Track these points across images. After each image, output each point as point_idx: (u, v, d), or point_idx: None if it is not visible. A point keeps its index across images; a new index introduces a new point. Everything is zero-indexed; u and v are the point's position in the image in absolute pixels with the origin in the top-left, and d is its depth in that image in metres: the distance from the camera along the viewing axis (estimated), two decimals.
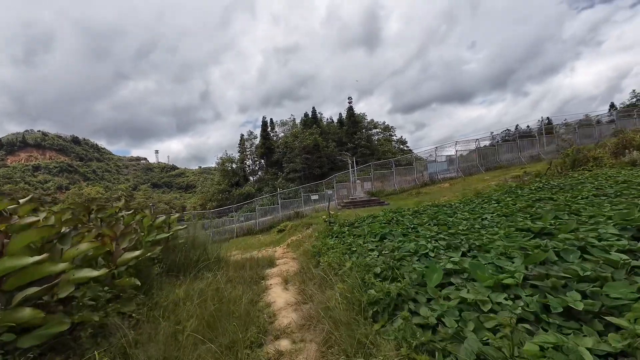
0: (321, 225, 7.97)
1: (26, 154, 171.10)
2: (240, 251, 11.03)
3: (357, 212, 16.29)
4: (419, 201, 15.49)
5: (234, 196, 49.49)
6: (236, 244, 15.74)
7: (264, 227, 27.93)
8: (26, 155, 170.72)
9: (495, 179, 18.22)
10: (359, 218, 6.84)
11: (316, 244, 5.47)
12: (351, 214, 10.42)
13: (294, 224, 12.97)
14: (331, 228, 6.35)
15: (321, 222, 9.20)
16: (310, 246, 5.93)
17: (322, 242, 5.30)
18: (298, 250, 6.51)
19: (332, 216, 7.04)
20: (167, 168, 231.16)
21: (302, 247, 6.74)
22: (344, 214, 12.26)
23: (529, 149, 29.17)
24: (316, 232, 7.58)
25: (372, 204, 21.10)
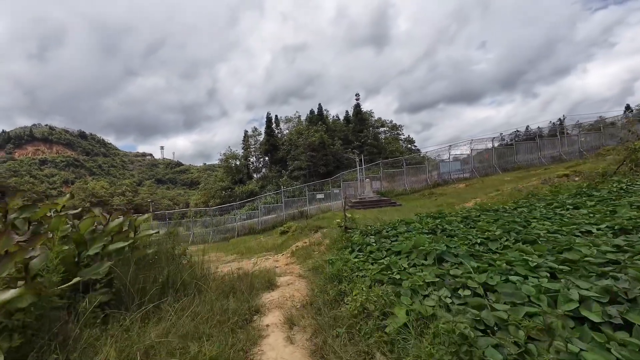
0: (334, 229, 6.52)
1: (34, 148, 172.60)
2: (237, 256, 9.66)
3: (367, 214, 14.83)
4: (438, 203, 13.99)
5: (236, 193, 48.25)
6: (235, 245, 14.38)
7: (267, 227, 26.65)
8: (34, 149, 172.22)
9: (521, 180, 16.58)
10: (384, 223, 5.37)
11: (332, 258, 4.02)
12: (365, 215, 8.99)
13: (299, 225, 11.58)
14: (349, 236, 4.90)
15: (332, 224, 7.74)
16: (321, 259, 4.48)
17: (341, 258, 3.86)
18: (306, 263, 5.09)
19: (349, 219, 5.59)
20: (172, 164, 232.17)
21: (310, 258, 5.31)
22: (355, 216, 10.84)
23: (550, 149, 27.38)
24: (327, 239, 6.15)
25: (383, 204, 19.62)
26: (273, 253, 8.30)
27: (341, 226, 5.57)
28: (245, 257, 8.95)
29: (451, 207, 8.31)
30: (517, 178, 19.40)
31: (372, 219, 6.82)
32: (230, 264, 7.65)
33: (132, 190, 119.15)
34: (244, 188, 49.77)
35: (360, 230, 4.93)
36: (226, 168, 58.30)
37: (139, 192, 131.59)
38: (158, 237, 4.53)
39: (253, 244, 11.86)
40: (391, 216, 8.97)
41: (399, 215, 9.30)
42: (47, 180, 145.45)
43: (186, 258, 4.60)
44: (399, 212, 10.97)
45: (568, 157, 26.54)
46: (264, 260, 6.70)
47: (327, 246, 5.63)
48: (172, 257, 4.09)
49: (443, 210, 6.59)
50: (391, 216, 8.97)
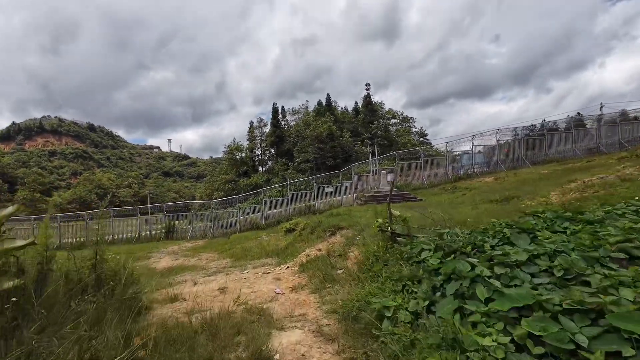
0: (363, 231, 4.34)
1: (43, 140, 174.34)
2: (230, 261, 7.58)
3: (384, 207, 12.57)
4: (470, 199, 11.67)
5: (240, 186, 46.38)
6: (233, 243, 12.35)
7: (271, 222, 24.66)
8: (43, 140, 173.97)
9: (567, 174, 14.05)
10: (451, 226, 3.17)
11: (386, 302, 1.82)
12: None
13: (308, 223, 9.47)
14: (403, 251, 2.70)
15: (356, 223, 5.58)
16: (357, 293, 2.31)
17: (405, 302, 1.66)
18: (326, 294, 2.91)
19: (397, 219, 3.41)
20: (179, 157, 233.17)
21: (333, 281, 3.15)
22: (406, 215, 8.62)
23: (586, 141, 24.58)
24: (354, 247, 4.00)
25: (401, 198, 17.34)
26: (275, 261, 6.20)
27: (385, 230, 3.38)
28: (240, 263, 6.85)
29: (513, 205, 6.03)
30: (559, 172, 16.84)
31: (416, 218, 4.62)
32: (215, 277, 5.60)
33: (139, 183, 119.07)
34: (249, 181, 47.89)
35: (432, 243, 2.71)
36: (230, 160, 56.47)
37: (146, 184, 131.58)
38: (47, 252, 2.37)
39: (253, 244, 9.81)
40: (425, 214, 6.77)
41: (436, 212, 7.10)
42: (56, 171, 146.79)
43: None
44: (432, 208, 8.70)
45: (607, 150, 23.76)
46: (260, 276, 4.57)
47: (358, 262, 3.49)
48: None
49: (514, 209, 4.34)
50: (425, 214, 6.77)
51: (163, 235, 23.65)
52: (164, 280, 5.69)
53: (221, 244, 13.75)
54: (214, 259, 8.54)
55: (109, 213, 24.79)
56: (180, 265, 7.84)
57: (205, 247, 13.40)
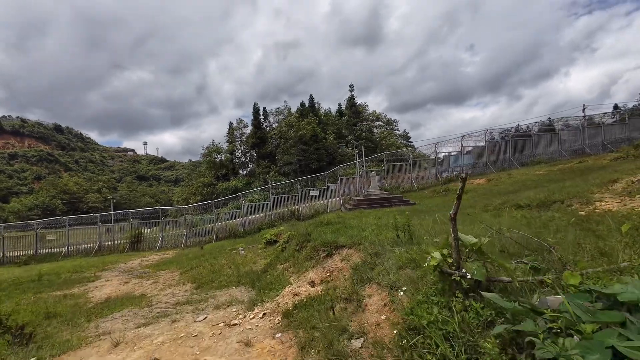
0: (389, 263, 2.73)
1: (2, 141, 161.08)
2: (190, 288, 5.75)
3: (379, 214, 11.17)
4: (473, 203, 10.46)
5: (219, 190, 43.72)
6: (203, 259, 10.36)
7: (251, 229, 22.67)
8: (2, 142, 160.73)
9: (570, 174, 13.25)
10: None
11: None
12: (377, 218, 5.25)
13: (292, 234, 7.77)
14: (488, 317, 1.06)
15: (359, 239, 3.97)
16: None
17: None
18: None
19: (472, 247, 1.80)
20: (156, 160, 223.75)
21: None
22: (362, 217, 7.09)
23: (572, 143, 24.54)
24: (376, 285, 2.41)
25: (393, 202, 16.03)
26: (247, 295, 4.48)
27: (449, 273, 1.75)
28: (201, 295, 5.03)
29: (562, 211, 4.67)
30: (556, 172, 16.15)
31: (427, 230, 3.08)
32: (155, 325, 3.80)
33: (110, 187, 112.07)
34: (228, 184, 45.27)
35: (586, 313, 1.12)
36: (209, 163, 53.51)
37: (118, 188, 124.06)
38: None
39: (224, 262, 7.93)
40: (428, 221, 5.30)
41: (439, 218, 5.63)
42: (16, 175, 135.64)
43: None
44: (433, 215, 7.29)
45: (592, 151, 23.79)
46: (220, 332, 2.85)
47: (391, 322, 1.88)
48: None
49: None
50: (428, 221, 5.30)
51: (128, 246, 21.02)
52: (82, 326, 3.84)
53: (190, 257, 11.72)
54: (171, 284, 6.65)
55: (63, 221, 21.85)
56: (125, 295, 5.92)
57: (171, 262, 11.34)
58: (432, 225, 4.61)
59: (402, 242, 3.44)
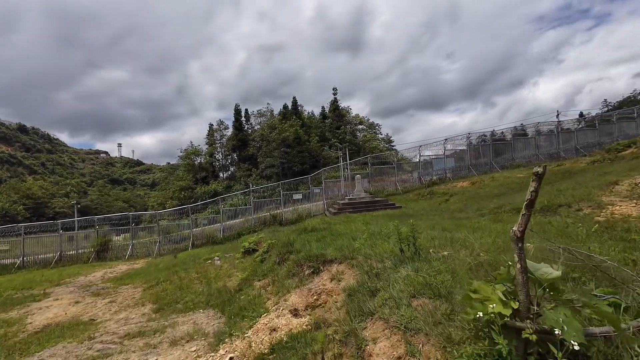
0: (395, 289, 2.06)
1: None
2: (150, 310, 4.90)
3: (367, 219, 10.62)
4: (455, 207, 10.16)
5: (197, 194, 41.80)
6: (172, 271, 9.32)
7: (231, 235, 21.58)
8: None
9: (552, 177, 13.30)
10: None
11: None
12: (376, 225, 4.62)
13: (272, 242, 6.99)
14: None
15: (351, 251, 3.30)
16: None
17: None
18: None
19: (553, 282, 1.19)
20: (132, 163, 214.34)
21: None
22: (349, 223, 6.48)
23: (548, 147, 25.33)
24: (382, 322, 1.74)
25: (379, 206, 15.57)
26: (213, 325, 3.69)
27: (519, 328, 1.08)
28: (158, 323, 4.16)
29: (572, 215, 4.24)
30: (533, 176, 16.33)
31: (430, 239, 2.48)
32: None
33: (79, 191, 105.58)
34: (207, 188, 43.45)
35: None
36: (187, 166, 51.29)
37: (89, 193, 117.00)
38: None
39: (195, 275, 7.00)
40: (421, 226, 4.76)
41: (437, 224, 5.15)
42: None
43: None
44: (425, 221, 6.85)
45: (566, 155, 24.63)
46: None
47: None
48: None
49: None
50: (421, 226, 4.76)
51: (93, 256, 19.27)
52: None
53: (161, 268, 10.62)
54: (129, 305, 5.68)
55: (19, 229, 19.76)
56: (70, 321, 4.92)
57: (138, 274, 10.20)
58: (432, 233, 4.03)
59: (407, 257, 2.81)
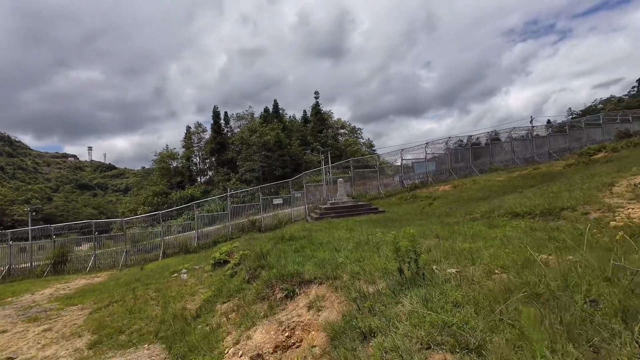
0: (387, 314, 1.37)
1: None
2: (87, 343, 3.95)
3: (350, 224, 10.01)
4: (442, 211, 9.79)
5: (172, 199, 39.66)
6: (132, 287, 8.21)
7: (207, 242, 20.33)
8: None
9: (531, 180, 13.37)
10: None
11: None
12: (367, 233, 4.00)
13: (245, 253, 6.17)
14: None
15: (333, 267, 2.57)
16: None
17: None
18: None
19: None
20: (103, 167, 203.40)
21: None
22: (331, 229, 5.84)
23: (523, 152, 26.09)
24: None
25: (362, 210, 15.05)
26: None
27: None
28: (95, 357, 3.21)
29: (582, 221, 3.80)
30: (517, 178, 16.48)
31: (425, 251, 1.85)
32: None
33: (43, 197, 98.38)
34: (183, 193, 41.37)
35: None
36: (162, 170, 48.78)
37: (54, 199, 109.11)
38: None
39: (153, 295, 6.01)
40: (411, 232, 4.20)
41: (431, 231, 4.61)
42: None
43: None
44: (413, 226, 6.35)
45: (540, 159, 25.46)
46: None
47: None
48: None
49: None
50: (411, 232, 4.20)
51: (49, 268, 17.35)
52: None
53: (121, 283, 9.43)
54: (64, 335, 4.67)
55: None
56: None
57: (93, 292, 8.96)
58: (428, 243, 3.45)
59: (407, 279, 2.17)
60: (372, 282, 2.49)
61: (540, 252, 2.76)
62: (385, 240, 4.39)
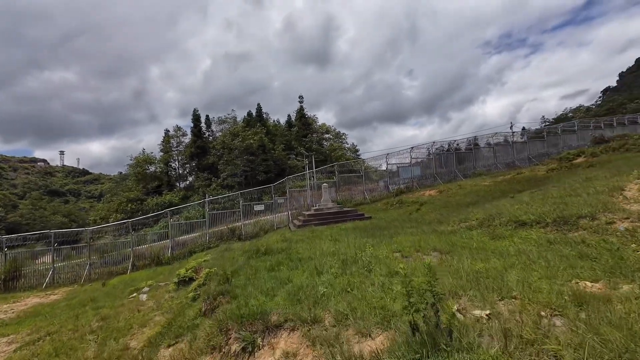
0: None
1: None
2: None
3: (335, 233, 9.29)
4: (432, 217, 9.28)
5: (149, 206, 37.50)
6: (80, 310, 7.06)
7: (182, 252, 18.98)
8: None
9: (517, 185, 13.18)
10: None
11: None
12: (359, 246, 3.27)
13: (211, 271, 5.26)
14: None
15: (311, 304, 1.69)
16: None
17: None
18: None
19: None
20: (76, 172, 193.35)
21: None
22: (314, 240, 5.08)
23: (504, 157, 26.46)
24: None
25: (347, 217, 14.35)
26: None
27: None
28: None
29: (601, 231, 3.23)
30: (502, 183, 16.36)
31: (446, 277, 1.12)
32: None
33: (6, 205, 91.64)
34: (160, 199, 39.27)
35: None
36: (138, 175, 46.31)
37: (20, 206, 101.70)
38: None
39: (94, 326, 4.95)
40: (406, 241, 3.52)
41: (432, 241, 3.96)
42: None
43: None
44: (404, 236, 5.71)
45: (520, 164, 25.88)
46: None
47: None
48: None
49: None
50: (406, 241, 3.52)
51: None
52: None
53: (74, 304, 8.19)
54: None
55: None
56: None
57: (35, 316, 7.68)
58: (429, 262, 2.76)
59: (424, 340, 1.41)
60: (367, 334, 1.75)
61: (580, 276, 2.09)
62: (377, 256, 3.64)
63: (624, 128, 30.80)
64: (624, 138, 17.54)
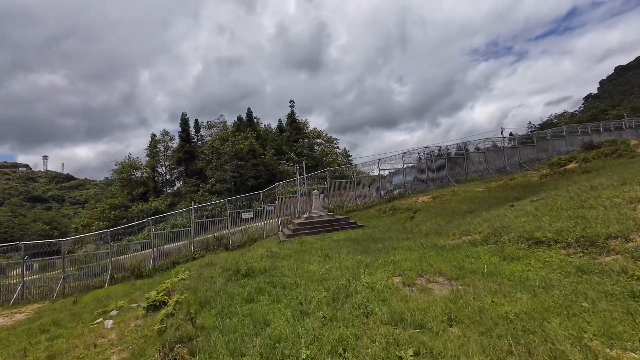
0: None
1: None
2: None
3: (326, 246, 8.77)
4: (430, 228, 8.81)
5: (133, 213, 36.05)
6: (34, 338, 6.22)
7: (165, 263, 18.02)
8: None
9: (512, 191, 12.86)
10: None
11: None
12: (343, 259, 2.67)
13: (185, 298, 4.53)
14: None
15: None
16: None
17: None
18: None
19: None
20: (60, 178, 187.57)
21: None
22: (304, 255, 4.45)
23: (496, 162, 26.44)
24: None
25: (339, 226, 13.74)
26: None
27: None
28: None
29: None
30: (496, 189, 16.08)
31: None
32: None
33: None
34: (145, 206, 37.85)
35: None
36: (123, 181, 44.72)
37: None
38: None
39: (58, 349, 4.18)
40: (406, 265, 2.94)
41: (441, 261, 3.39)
42: None
43: None
44: (400, 251, 5.14)
45: (511, 169, 25.89)
46: None
47: None
48: None
49: None
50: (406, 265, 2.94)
51: None
52: None
53: (33, 328, 7.30)
54: None
55: None
56: None
57: None
58: (428, 287, 2.17)
59: None
60: None
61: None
62: (374, 285, 3.02)
63: (611, 134, 31.38)
64: (615, 144, 17.57)
